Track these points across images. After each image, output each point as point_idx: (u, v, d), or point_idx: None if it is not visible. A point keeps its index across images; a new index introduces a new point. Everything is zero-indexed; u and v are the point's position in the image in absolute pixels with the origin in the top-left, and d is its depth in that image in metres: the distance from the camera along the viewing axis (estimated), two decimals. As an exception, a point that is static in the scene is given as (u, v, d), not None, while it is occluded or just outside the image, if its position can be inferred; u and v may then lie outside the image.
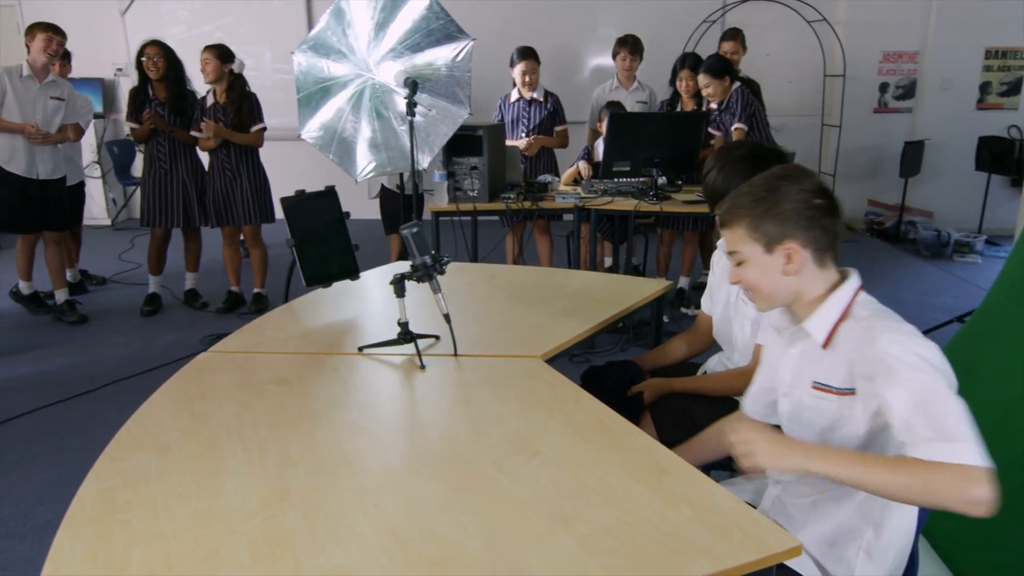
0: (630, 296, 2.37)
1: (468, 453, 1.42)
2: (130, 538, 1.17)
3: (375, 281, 2.63)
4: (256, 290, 4.83)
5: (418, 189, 3.40)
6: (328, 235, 2.32)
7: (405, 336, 1.92)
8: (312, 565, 1.09)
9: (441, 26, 3.19)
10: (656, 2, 6.96)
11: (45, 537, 1.40)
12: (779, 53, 7.04)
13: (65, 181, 4.62)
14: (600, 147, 4.33)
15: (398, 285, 1.89)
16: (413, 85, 3.11)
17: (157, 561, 1.11)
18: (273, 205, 4.72)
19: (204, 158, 4.71)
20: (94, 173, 7.08)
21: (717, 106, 4.38)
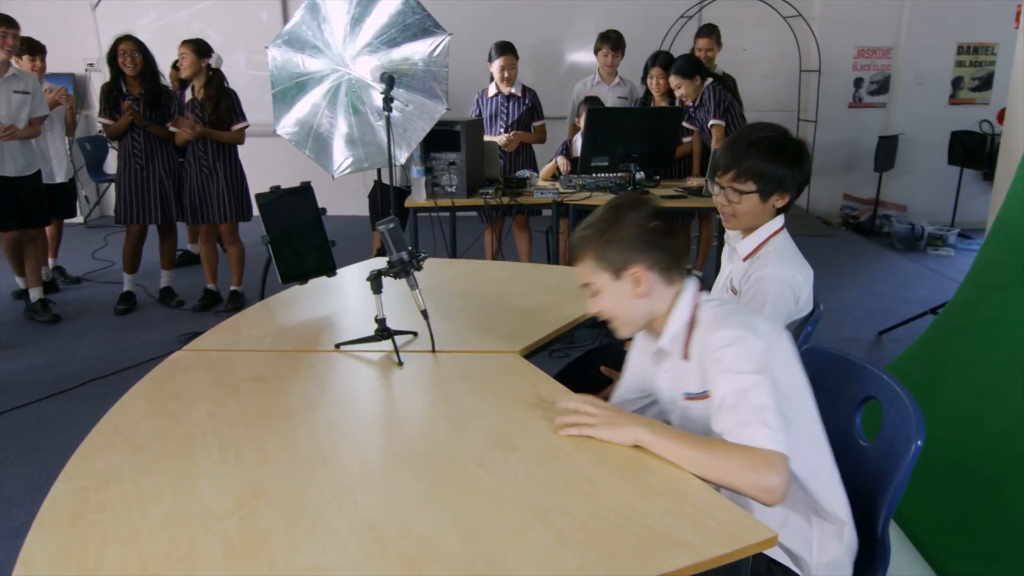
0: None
1: (446, 449, 1.42)
2: (103, 538, 1.15)
3: (352, 277, 2.62)
4: (233, 288, 4.79)
5: (401, 182, 3.39)
6: (304, 232, 2.30)
7: (382, 333, 1.91)
8: (288, 564, 1.08)
9: (417, 21, 3.18)
10: (634, -3, 6.99)
11: (17, 540, 1.37)
12: (755, 48, 7.09)
13: (40, 177, 4.52)
14: (579, 142, 4.34)
15: (375, 281, 1.88)
16: (389, 80, 3.09)
17: (131, 562, 1.10)
18: (250, 203, 4.68)
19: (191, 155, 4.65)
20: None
21: (692, 103, 4.41)
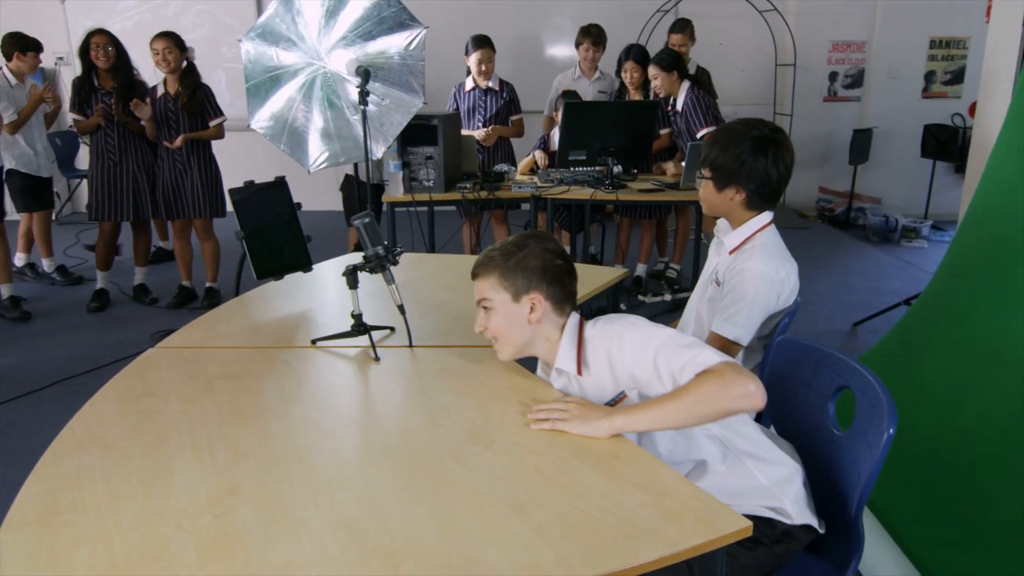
0: (587, 284, 2.38)
1: (423, 444, 1.41)
2: (74, 539, 1.13)
3: (329, 273, 2.60)
4: (208, 284, 4.73)
5: (375, 179, 3.36)
6: (279, 227, 2.28)
7: (359, 328, 1.90)
8: (263, 562, 1.07)
9: (393, 14, 3.15)
10: (611, -9, 6.99)
11: (-14, 542, 1.35)
12: (732, 43, 7.13)
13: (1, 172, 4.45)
14: (556, 136, 4.33)
15: (350, 276, 1.87)
16: (365, 74, 3.07)
17: (102, 562, 1.08)
18: (225, 198, 4.62)
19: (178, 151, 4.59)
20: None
21: (671, 104, 4.39)
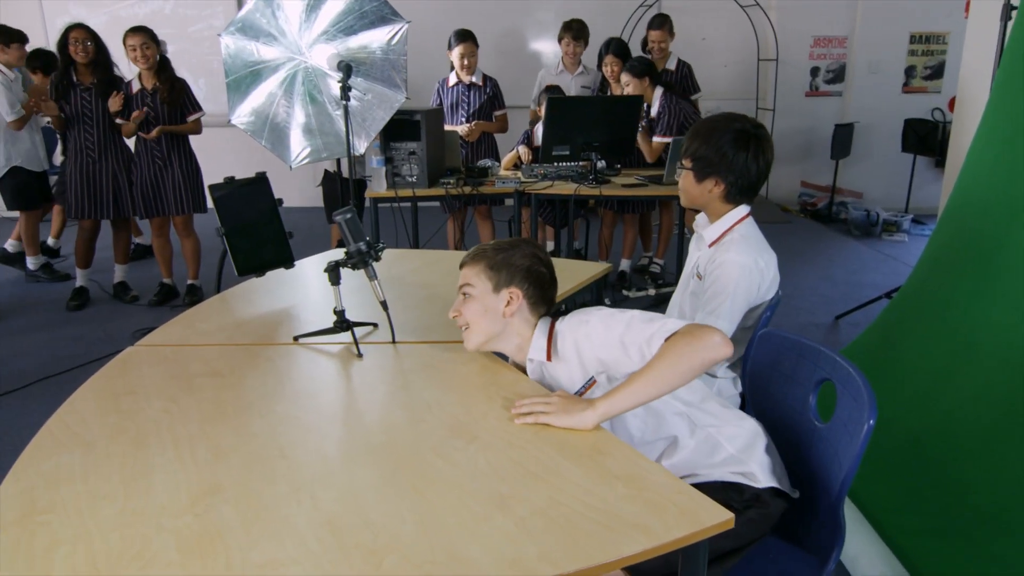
0: (571, 279, 2.38)
1: (406, 440, 1.41)
2: (52, 540, 1.12)
3: (311, 269, 2.58)
4: (189, 281, 4.69)
5: (356, 174, 3.34)
6: (260, 223, 2.26)
7: (341, 324, 1.89)
8: (244, 561, 1.07)
9: (375, 8, 3.13)
10: (593, -15, 6.99)
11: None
12: (714, 38, 7.14)
13: None
14: (540, 131, 4.33)
15: (332, 272, 1.86)
16: (347, 69, 3.04)
17: (82, 562, 1.07)
18: (205, 194, 4.58)
19: (132, 144, 4.55)
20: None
21: (647, 110, 4.44)
